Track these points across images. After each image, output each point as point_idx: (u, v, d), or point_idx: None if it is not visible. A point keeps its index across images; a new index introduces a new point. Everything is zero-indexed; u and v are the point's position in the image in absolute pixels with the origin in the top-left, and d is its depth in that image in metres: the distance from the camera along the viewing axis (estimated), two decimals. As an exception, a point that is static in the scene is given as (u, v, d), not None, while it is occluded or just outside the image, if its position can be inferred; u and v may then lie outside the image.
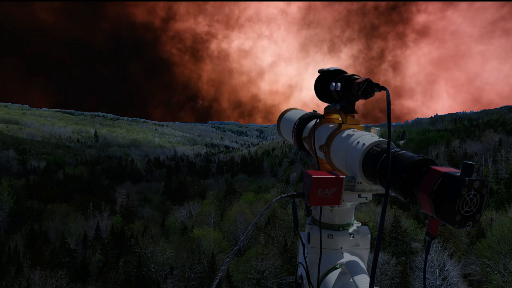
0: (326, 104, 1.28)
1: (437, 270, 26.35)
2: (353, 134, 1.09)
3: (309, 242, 1.21)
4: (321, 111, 1.47)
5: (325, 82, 1.22)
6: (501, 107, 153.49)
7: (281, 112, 1.62)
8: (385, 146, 0.96)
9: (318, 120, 1.30)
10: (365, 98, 1.09)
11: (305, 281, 1.20)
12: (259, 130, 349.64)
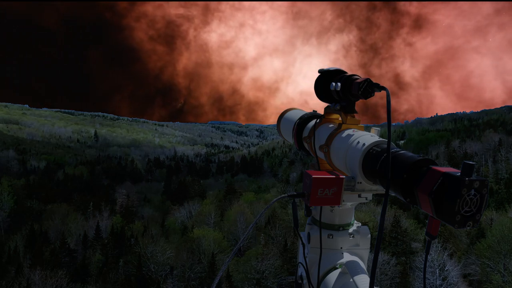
0: (315, 101, 1.28)
1: (437, 270, 26.36)
2: (353, 134, 1.09)
3: (309, 242, 1.21)
4: (311, 107, 1.47)
5: (325, 82, 1.22)
6: (501, 107, 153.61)
7: (281, 112, 1.62)
8: (385, 146, 0.96)
9: (318, 120, 1.30)
10: (365, 98, 1.09)
11: (305, 281, 1.20)
12: (259, 130, 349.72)
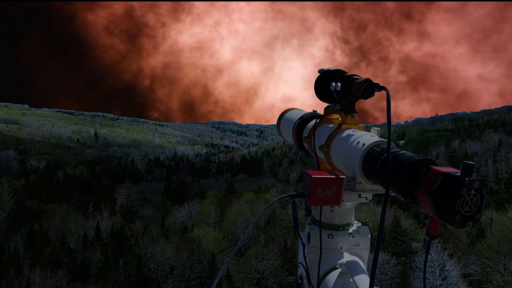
0: (298, 103, 1.28)
1: (437, 270, 26.36)
2: (353, 134, 1.09)
3: (309, 242, 1.21)
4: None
5: (325, 82, 1.22)
6: (501, 107, 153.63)
7: (281, 112, 1.62)
8: (385, 146, 0.96)
9: (318, 120, 1.30)
10: (365, 98, 1.10)
11: (305, 281, 1.20)
12: (259, 130, 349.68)
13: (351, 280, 1.05)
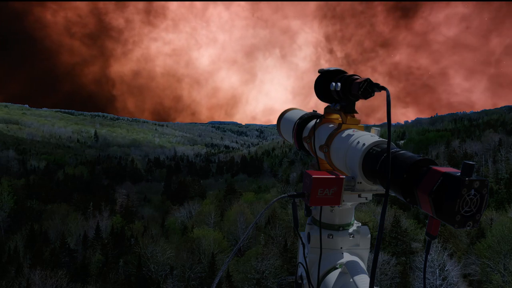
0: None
1: (437, 270, 26.36)
2: (353, 134, 1.09)
3: (309, 242, 1.21)
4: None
5: (325, 82, 1.22)
6: (501, 107, 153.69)
7: (281, 112, 1.62)
8: (385, 146, 0.96)
9: (318, 120, 1.30)
10: (365, 98, 1.10)
11: (305, 281, 1.20)
12: (259, 130, 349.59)
13: (351, 280, 1.05)
